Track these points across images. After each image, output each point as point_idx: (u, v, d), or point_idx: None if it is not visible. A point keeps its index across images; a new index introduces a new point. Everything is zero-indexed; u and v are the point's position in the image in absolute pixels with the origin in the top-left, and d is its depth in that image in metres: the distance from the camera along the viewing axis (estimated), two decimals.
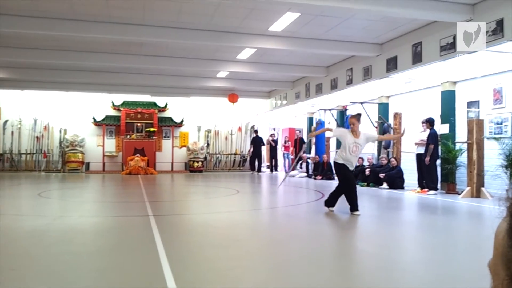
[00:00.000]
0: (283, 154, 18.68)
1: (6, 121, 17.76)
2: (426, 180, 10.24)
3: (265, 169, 19.77)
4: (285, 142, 18.63)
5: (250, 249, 4.64)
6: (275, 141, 18.91)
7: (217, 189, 12.25)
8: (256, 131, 19.25)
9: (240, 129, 20.34)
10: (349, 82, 12.27)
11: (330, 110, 15.70)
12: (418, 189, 10.39)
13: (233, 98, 18.03)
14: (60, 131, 18.16)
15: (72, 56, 12.10)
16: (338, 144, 15.56)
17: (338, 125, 15.59)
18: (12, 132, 17.79)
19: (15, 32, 9.41)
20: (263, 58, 12.66)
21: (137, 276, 3.55)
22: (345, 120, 14.24)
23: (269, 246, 4.95)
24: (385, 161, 11.67)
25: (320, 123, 15.91)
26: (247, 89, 18.02)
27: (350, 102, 14.66)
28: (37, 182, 13.47)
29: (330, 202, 7.12)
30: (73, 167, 17.53)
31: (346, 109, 15.10)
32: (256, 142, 18.79)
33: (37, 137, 17.98)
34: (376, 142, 13.27)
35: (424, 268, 3.97)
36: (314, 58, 12.55)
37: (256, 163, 18.58)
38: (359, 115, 7.09)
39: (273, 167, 18.83)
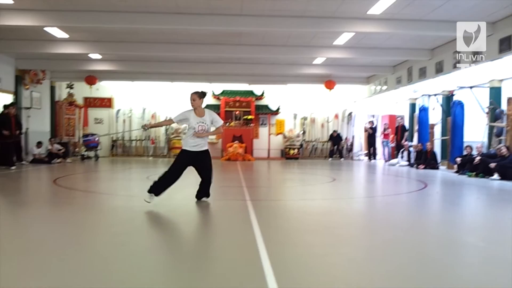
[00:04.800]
0: (382, 142, 18.02)
1: (118, 110, 19.41)
2: None
3: (363, 157, 19.28)
4: (384, 130, 17.94)
5: (345, 237, 4.57)
6: (374, 129, 18.31)
7: (313, 176, 12.22)
8: (335, 131, 19.37)
9: (337, 116, 20.01)
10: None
11: (435, 95, 14.76)
12: None
13: (330, 84, 17.75)
14: (166, 119, 19.33)
15: (176, 48, 12.81)
16: (444, 132, 14.58)
17: (444, 111, 14.58)
18: (124, 120, 19.39)
19: (125, 27, 10.17)
20: (361, 43, 12.26)
21: (235, 257, 3.68)
22: (452, 106, 13.30)
23: (365, 235, 4.83)
24: (504, 151, 10.48)
25: (424, 109, 15.04)
26: (345, 75, 17.62)
27: (458, 87, 13.64)
28: (146, 166, 14.54)
29: (156, 188, 6.07)
30: (178, 153, 18.61)
31: (453, 94, 14.07)
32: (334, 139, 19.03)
33: (145, 124, 19.33)
34: (487, 128, 12.23)
35: None
36: (417, 40, 11.86)
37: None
38: (202, 92, 6.33)
39: (371, 155, 18.28)
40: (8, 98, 14.41)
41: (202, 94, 6.25)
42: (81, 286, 2.96)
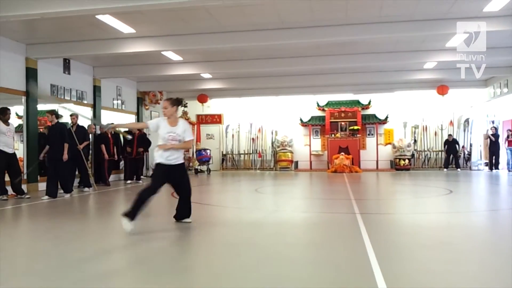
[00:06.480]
0: (507, 149, 16.39)
1: (227, 126, 20.29)
2: None
3: (483, 167, 17.73)
4: (508, 136, 16.32)
5: (466, 254, 4.24)
6: (495, 135, 16.76)
7: (427, 188, 11.54)
8: (450, 135, 18.04)
9: (451, 123, 18.70)
10: None
11: None
12: None
13: (442, 90, 16.73)
14: (272, 133, 19.79)
15: (280, 63, 13.10)
16: None
17: None
18: (233, 135, 20.20)
19: (232, 46, 10.64)
20: None
21: (347, 272, 3.62)
22: None
23: (488, 251, 4.42)
24: None
25: None
26: (459, 78, 16.41)
27: None
28: (254, 179, 14.96)
29: (131, 212, 5.17)
30: (284, 166, 18.90)
31: None
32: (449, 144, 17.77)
33: (252, 138, 20.01)
34: None
35: None
36: None
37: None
38: (177, 99, 5.56)
39: (493, 164, 16.72)
40: (132, 119, 15.90)
41: (176, 102, 5.53)
42: None
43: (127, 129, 10.71)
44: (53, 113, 9.38)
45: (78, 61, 12.71)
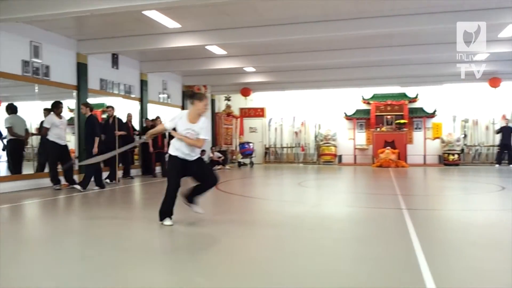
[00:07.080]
0: None
1: (270, 119, 20.31)
2: None
3: None
4: None
5: None
6: None
7: (477, 184, 11.11)
8: (507, 119, 16.99)
9: (504, 117, 17.84)
10: None
11: None
12: None
13: (495, 82, 15.97)
14: (315, 126, 19.64)
15: (323, 56, 12.92)
16: None
17: None
18: (276, 129, 20.21)
19: (276, 39, 10.59)
20: None
21: (394, 268, 3.55)
22: None
23: None
24: None
25: None
26: None
27: None
28: (297, 172, 14.91)
29: (166, 211, 5.21)
30: (327, 160, 18.71)
31: None
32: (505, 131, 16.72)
33: (295, 132, 19.94)
34: None
35: None
36: None
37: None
38: (203, 95, 5.33)
39: None
40: (177, 112, 16.23)
41: (200, 97, 5.32)
42: (233, 286, 3.18)
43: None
44: (87, 105, 9.40)
45: (126, 56, 13.09)
